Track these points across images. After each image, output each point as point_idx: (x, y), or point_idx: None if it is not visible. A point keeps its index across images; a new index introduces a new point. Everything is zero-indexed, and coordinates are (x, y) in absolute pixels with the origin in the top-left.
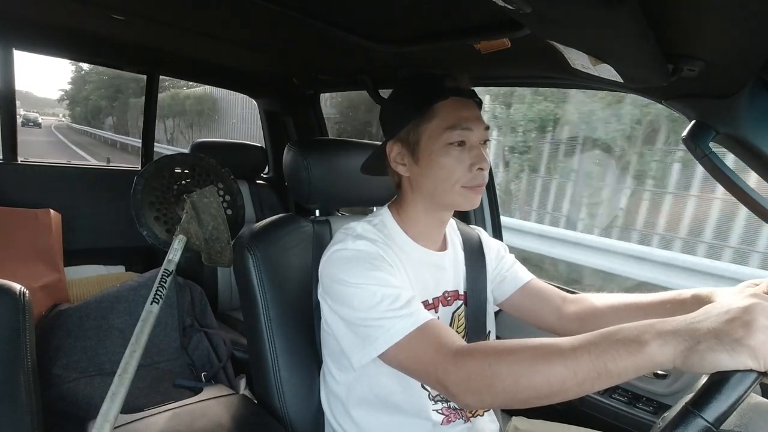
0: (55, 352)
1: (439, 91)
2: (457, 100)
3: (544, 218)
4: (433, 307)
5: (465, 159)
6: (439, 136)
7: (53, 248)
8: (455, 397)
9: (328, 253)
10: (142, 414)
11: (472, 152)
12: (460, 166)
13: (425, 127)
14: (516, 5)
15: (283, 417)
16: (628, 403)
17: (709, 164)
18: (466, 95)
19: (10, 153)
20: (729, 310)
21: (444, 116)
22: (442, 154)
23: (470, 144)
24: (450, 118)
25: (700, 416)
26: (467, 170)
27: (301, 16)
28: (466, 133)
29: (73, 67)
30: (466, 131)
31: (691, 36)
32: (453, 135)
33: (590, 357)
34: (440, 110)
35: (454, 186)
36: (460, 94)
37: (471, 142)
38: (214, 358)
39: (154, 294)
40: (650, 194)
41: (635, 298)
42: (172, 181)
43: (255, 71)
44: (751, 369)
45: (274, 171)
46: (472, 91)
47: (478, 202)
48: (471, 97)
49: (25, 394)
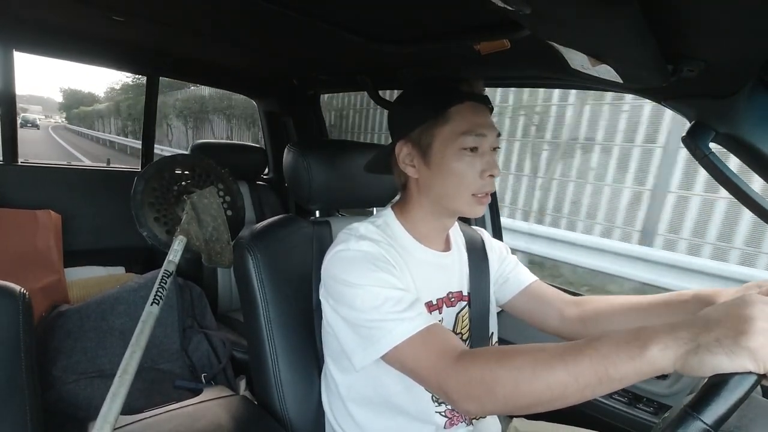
0: (55, 354)
1: (456, 94)
2: (473, 105)
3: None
4: (437, 308)
5: (477, 165)
6: (454, 141)
7: (53, 249)
8: (456, 402)
9: (331, 253)
10: (142, 415)
11: (484, 158)
12: (472, 172)
13: (439, 130)
14: (516, 6)
15: (284, 418)
16: (628, 403)
17: (709, 164)
18: (480, 101)
19: (10, 154)
20: (729, 312)
21: (459, 121)
22: (454, 159)
23: (482, 150)
24: (465, 123)
25: (699, 419)
26: (478, 176)
27: (302, 17)
28: (479, 139)
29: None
30: (480, 137)
31: (690, 36)
32: (467, 140)
33: (591, 362)
34: (455, 114)
35: (463, 193)
36: (474, 99)
37: (483, 148)
38: (214, 359)
39: (154, 295)
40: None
41: (636, 299)
42: (172, 181)
43: (255, 72)
44: (751, 371)
45: (274, 172)
46: (486, 97)
47: (482, 212)
48: (485, 103)
49: (25, 396)
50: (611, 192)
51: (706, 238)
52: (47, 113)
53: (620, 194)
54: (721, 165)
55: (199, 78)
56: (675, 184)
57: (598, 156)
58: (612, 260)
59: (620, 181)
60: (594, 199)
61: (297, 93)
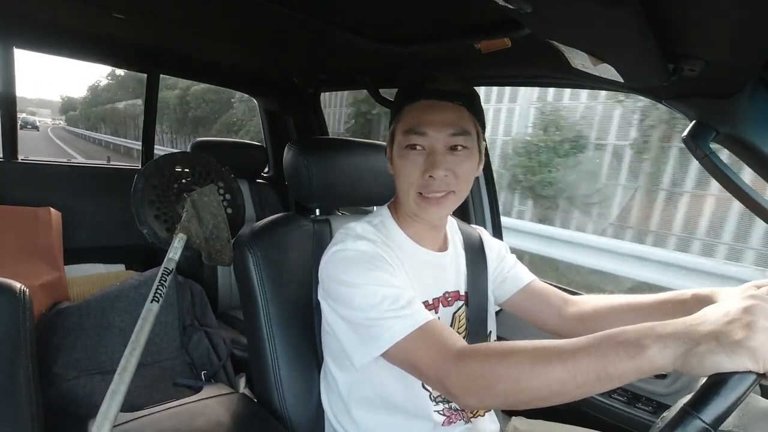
0: (56, 351)
1: (411, 93)
2: (428, 103)
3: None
4: (433, 307)
5: (420, 164)
6: (400, 139)
7: (53, 247)
8: (456, 398)
9: (329, 253)
10: (142, 413)
11: (429, 158)
12: (415, 171)
13: (396, 128)
14: (517, 5)
15: (283, 416)
16: (627, 403)
17: (709, 164)
18: (438, 97)
19: (10, 152)
20: (729, 311)
21: (407, 119)
22: (400, 157)
23: (429, 149)
24: (410, 121)
25: (698, 417)
26: (420, 176)
27: (302, 16)
28: (419, 137)
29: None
30: (419, 136)
31: (691, 36)
32: (408, 138)
33: (590, 360)
34: (407, 113)
35: (408, 191)
36: (431, 96)
37: (431, 147)
38: (214, 356)
39: (154, 292)
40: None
41: (635, 299)
42: (172, 179)
43: (255, 70)
44: (750, 371)
45: (275, 170)
46: (450, 93)
47: (436, 215)
48: (448, 100)
49: (25, 393)
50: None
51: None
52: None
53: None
54: (721, 165)
55: (199, 76)
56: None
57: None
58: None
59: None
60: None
61: (297, 91)
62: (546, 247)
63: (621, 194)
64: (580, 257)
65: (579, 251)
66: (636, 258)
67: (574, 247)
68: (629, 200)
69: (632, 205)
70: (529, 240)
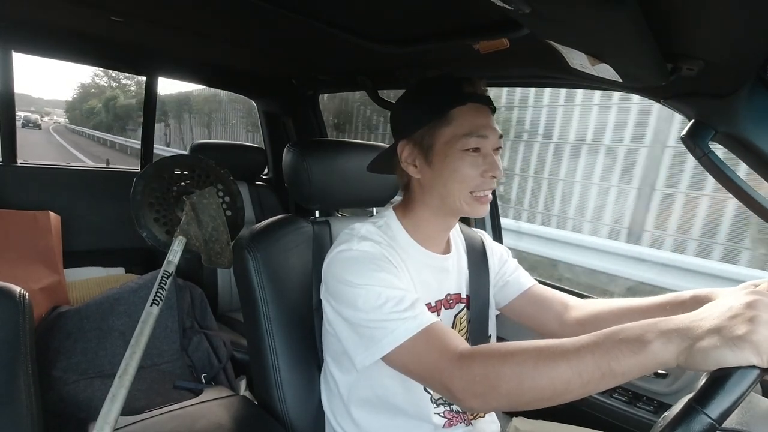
0: (55, 355)
1: (458, 96)
2: (474, 106)
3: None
4: (435, 309)
5: (479, 165)
6: (456, 142)
7: (53, 250)
8: (460, 401)
9: (333, 253)
10: (143, 416)
11: (487, 159)
12: (474, 172)
13: (441, 132)
14: (515, 5)
15: (284, 418)
16: (628, 402)
17: (708, 164)
18: (482, 101)
19: (9, 155)
20: (731, 306)
21: (461, 122)
22: (457, 159)
23: (485, 151)
24: (467, 125)
25: (704, 412)
26: (479, 176)
27: (301, 17)
28: (481, 140)
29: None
30: (481, 138)
31: (690, 35)
32: (469, 142)
33: (594, 357)
34: (457, 116)
35: (464, 191)
36: (476, 100)
37: (485, 149)
38: (214, 359)
39: (154, 295)
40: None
41: (635, 301)
42: (171, 182)
43: (254, 72)
44: (754, 365)
45: (274, 172)
46: (488, 98)
47: (483, 212)
48: (487, 104)
49: (25, 397)
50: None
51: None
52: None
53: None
54: (720, 164)
55: (198, 78)
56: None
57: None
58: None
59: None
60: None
61: (296, 93)
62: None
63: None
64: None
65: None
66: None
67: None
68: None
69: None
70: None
